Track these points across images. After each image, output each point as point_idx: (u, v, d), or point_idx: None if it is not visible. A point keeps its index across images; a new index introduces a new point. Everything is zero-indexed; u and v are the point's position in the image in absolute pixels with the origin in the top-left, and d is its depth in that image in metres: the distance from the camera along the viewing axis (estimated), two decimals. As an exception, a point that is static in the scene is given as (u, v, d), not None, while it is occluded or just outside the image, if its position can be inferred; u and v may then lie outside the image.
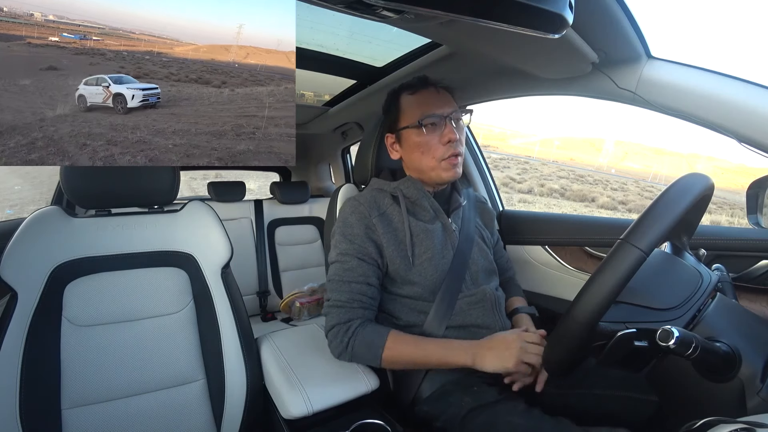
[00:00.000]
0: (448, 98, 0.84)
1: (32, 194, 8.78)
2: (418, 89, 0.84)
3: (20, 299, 0.73)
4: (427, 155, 0.82)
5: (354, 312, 0.77)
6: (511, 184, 19.87)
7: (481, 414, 0.71)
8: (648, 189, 27.54)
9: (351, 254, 0.79)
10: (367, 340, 0.75)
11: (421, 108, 0.82)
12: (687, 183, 0.53)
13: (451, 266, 0.82)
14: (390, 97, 0.89)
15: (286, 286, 1.88)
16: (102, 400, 0.76)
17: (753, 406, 0.47)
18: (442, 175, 0.82)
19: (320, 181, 2.42)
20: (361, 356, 0.76)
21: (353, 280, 0.78)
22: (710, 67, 1.07)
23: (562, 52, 0.73)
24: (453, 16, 0.45)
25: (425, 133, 0.81)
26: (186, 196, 2.99)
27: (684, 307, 0.54)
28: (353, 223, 0.81)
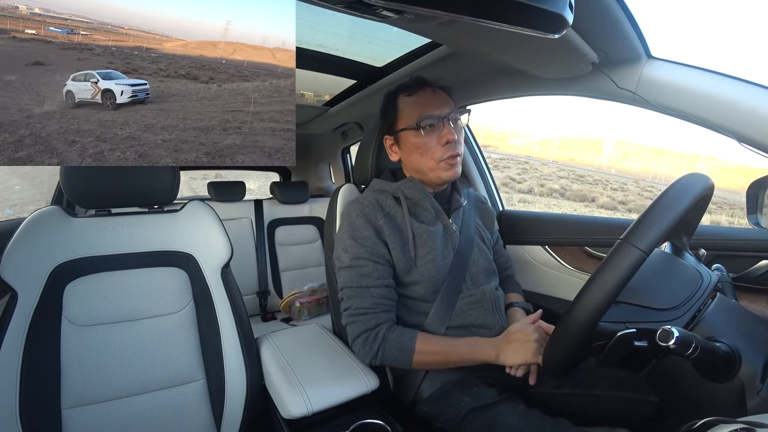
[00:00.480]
0: (445, 98, 0.84)
1: (32, 194, 8.78)
2: (415, 90, 0.84)
3: (20, 299, 0.73)
4: (425, 156, 0.82)
5: (379, 317, 0.77)
6: (511, 184, 19.87)
7: (480, 414, 0.71)
8: (648, 189, 27.55)
9: (365, 257, 0.78)
10: (397, 344, 0.75)
11: (419, 109, 0.81)
12: (687, 183, 0.53)
13: (451, 267, 0.82)
14: (387, 99, 0.88)
15: (286, 286, 1.87)
16: (102, 400, 0.76)
17: (753, 406, 0.47)
18: (442, 175, 0.82)
19: (320, 181, 2.42)
20: (391, 360, 0.76)
21: (372, 285, 0.77)
22: (710, 67, 1.07)
23: (562, 52, 0.73)
24: (453, 16, 0.45)
25: (423, 134, 0.80)
26: (186, 196, 2.99)
27: (684, 307, 0.54)
28: (361, 226, 0.80)
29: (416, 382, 0.82)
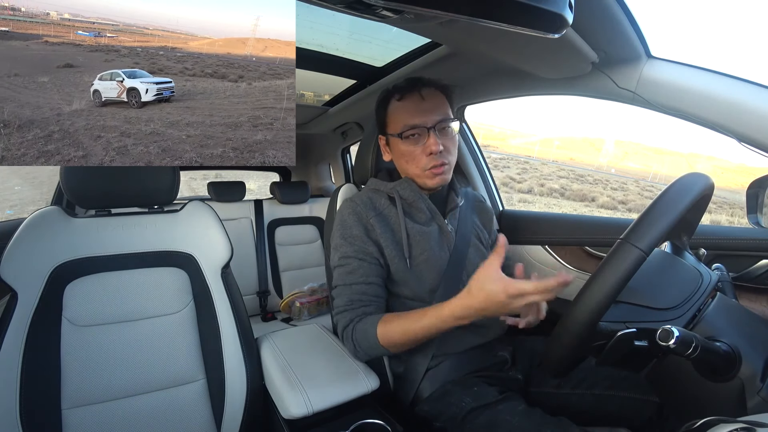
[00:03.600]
0: (436, 104, 0.80)
1: (32, 194, 8.78)
2: (405, 95, 0.81)
3: (20, 299, 0.73)
4: (411, 164, 0.81)
5: (354, 312, 0.77)
6: (511, 184, 19.87)
7: (481, 414, 0.71)
8: (648, 189, 27.55)
9: (352, 256, 0.78)
10: (363, 334, 0.74)
11: (404, 118, 0.80)
12: (687, 183, 0.53)
13: (447, 267, 0.82)
14: (380, 100, 0.86)
15: (286, 286, 1.88)
16: (102, 400, 0.76)
17: (753, 405, 0.47)
18: (427, 182, 0.82)
19: (320, 181, 2.42)
20: (367, 350, 0.75)
21: (353, 282, 0.78)
22: (710, 67, 1.07)
23: (562, 52, 0.73)
24: (453, 16, 0.45)
25: (408, 144, 0.80)
26: (186, 196, 2.99)
27: (684, 306, 0.54)
28: (351, 225, 0.80)
29: (416, 382, 0.82)
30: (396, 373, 0.87)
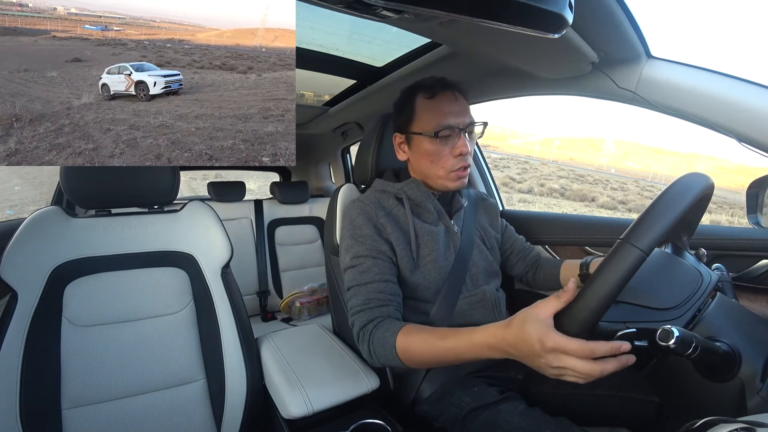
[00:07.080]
0: (464, 106, 0.81)
1: (32, 194, 8.78)
2: (436, 93, 0.80)
3: (20, 299, 0.73)
4: (436, 164, 0.80)
5: (372, 312, 0.73)
6: (511, 184, 19.87)
7: (481, 414, 0.71)
8: (648, 188, 27.54)
9: (365, 255, 0.77)
10: (381, 340, 0.69)
11: (438, 117, 0.78)
12: (687, 183, 0.53)
13: (453, 267, 0.82)
14: (404, 96, 0.84)
15: (286, 286, 1.88)
16: (102, 400, 0.76)
17: (753, 405, 0.47)
18: (449, 185, 0.81)
19: (320, 181, 2.42)
20: (383, 359, 0.70)
21: (369, 281, 0.75)
22: (710, 66, 1.07)
23: (562, 52, 0.73)
24: (453, 16, 0.45)
25: (438, 143, 0.79)
26: (186, 196, 2.99)
27: (684, 306, 0.54)
28: (362, 224, 0.79)
29: (416, 382, 0.82)
30: (396, 373, 0.87)
